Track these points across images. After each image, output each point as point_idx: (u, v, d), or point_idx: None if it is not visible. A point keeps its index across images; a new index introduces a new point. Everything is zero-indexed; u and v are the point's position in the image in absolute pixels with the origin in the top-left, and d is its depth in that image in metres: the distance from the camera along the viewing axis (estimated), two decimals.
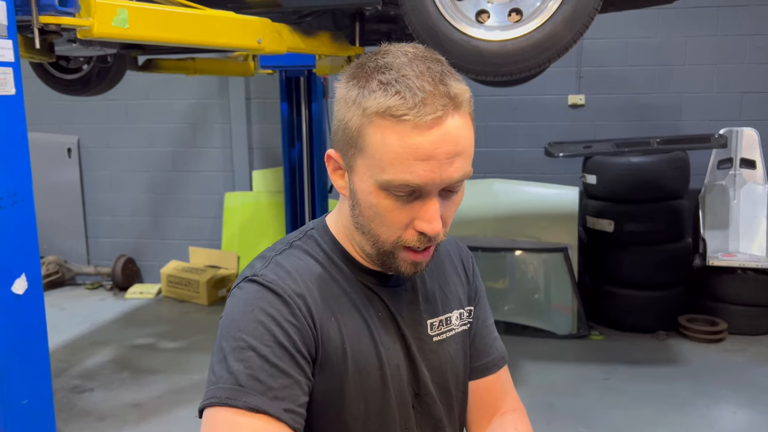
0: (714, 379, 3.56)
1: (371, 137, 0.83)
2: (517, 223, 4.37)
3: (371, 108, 0.82)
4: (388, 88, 0.81)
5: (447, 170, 0.83)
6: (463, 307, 1.08)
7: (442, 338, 1.03)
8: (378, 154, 0.83)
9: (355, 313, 0.94)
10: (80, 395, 3.52)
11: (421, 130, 0.80)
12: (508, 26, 2.23)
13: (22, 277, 1.73)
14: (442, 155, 0.82)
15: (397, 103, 0.80)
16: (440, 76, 0.83)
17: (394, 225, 0.87)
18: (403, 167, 0.81)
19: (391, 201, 0.85)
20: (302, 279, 0.92)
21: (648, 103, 4.81)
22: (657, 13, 4.57)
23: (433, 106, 0.80)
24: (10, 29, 1.67)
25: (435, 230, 0.85)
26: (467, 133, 0.85)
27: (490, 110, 4.97)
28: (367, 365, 0.93)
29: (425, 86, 0.81)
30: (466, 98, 0.85)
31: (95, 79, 3.75)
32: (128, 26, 1.94)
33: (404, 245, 0.88)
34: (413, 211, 0.86)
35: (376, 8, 2.62)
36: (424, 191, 0.84)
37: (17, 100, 1.71)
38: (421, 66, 0.83)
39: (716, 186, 4.46)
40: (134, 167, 5.56)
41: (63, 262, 5.57)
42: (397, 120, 0.80)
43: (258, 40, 2.40)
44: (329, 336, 0.91)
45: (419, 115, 0.80)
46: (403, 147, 0.81)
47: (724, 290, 4.24)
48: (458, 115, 0.83)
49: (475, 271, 1.14)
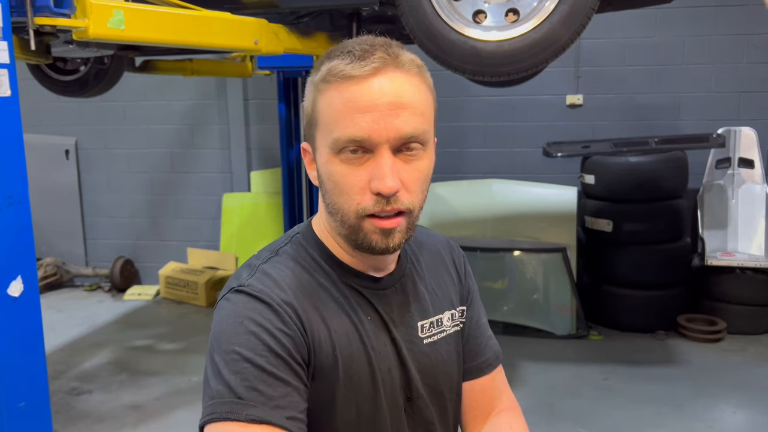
0: (713, 379, 3.56)
1: (321, 105, 0.87)
2: (515, 223, 4.36)
3: (317, 78, 0.88)
4: (333, 58, 0.87)
5: (392, 122, 0.83)
6: (455, 307, 1.07)
7: (433, 340, 1.02)
8: (326, 117, 0.86)
9: (345, 318, 0.93)
10: (78, 397, 3.51)
11: (357, 81, 0.84)
12: (505, 26, 2.22)
13: (18, 280, 1.73)
14: (384, 107, 0.83)
15: (338, 64, 0.85)
16: (386, 43, 0.88)
17: (351, 190, 0.86)
18: (347, 122, 0.84)
19: (344, 166, 0.86)
20: (289, 287, 0.91)
21: (646, 103, 4.81)
22: (655, 13, 4.57)
23: (369, 59, 0.84)
24: (5, 30, 1.67)
25: (389, 187, 0.83)
26: (414, 90, 0.87)
27: (488, 110, 4.97)
28: (358, 370, 0.93)
29: (364, 46, 0.86)
30: (414, 64, 0.88)
31: (92, 80, 3.74)
32: (124, 27, 1.93)
33: (366, 213, 0.86)
34: (368, 172, 0.85)
35: (373, 9, 2.62)
36: (373, 146, 0.84)
37: (13, 101, 1.70)
38: (370, 39, 0.89)
39: (714, 186, 4.46)
40: (132, 168, 5.55)
41: (61, 264, 5.56)
42: (339, 79, 0.85)
43: (255, 41, 2.39)
44: (320, 343, 0.90)
45: (356, 68, 0.84)
46: (343, 101, 0.84)
47: (723, 290, 4.24)
48: (401, 72, 0.86)
49: (467, 271, 1.13)
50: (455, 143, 5.06)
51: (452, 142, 5.05)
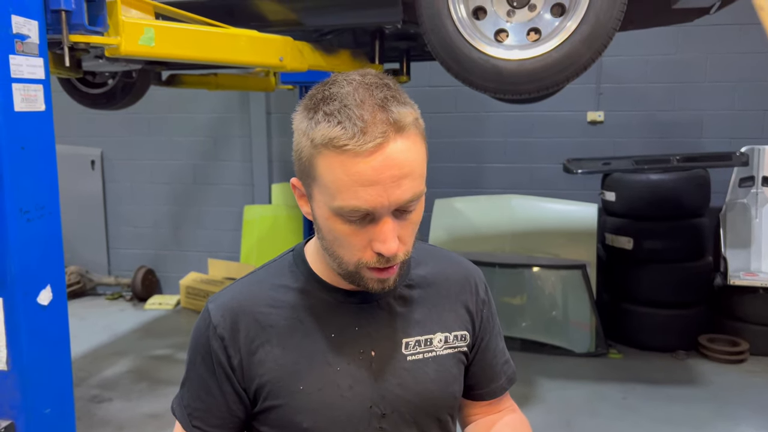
0: (735, 401, 3.50)
1: (320, 167, 0.87)
2: (535, 239, 4.35)
3: (317, 139, 0.86)
4: (331, 119, 0.85)
5: (394, 192, 0.85)
6: (451, 331, 1.06)
7: (418, 358, 1.02)
8: (327, 182, 0.87)
9: (300, 336, 0.98)
10: (99, 405, 3.56)
11: (362, 157, 0.84)
12: (526, 45, 2.24)
13: (48, 288, 1.77)
14: (387, 179, 0.85)
15: (338, 134, 0.84)
16: (382, 102, 0.86)
17: (352, 248, 0.91)
18: (350, 194, 0.85)
19: (346, 226, 0.89)
20: (243, 309, 0.99)
21: (668, 121, 4.78)
22: (677, 30, 4.56)
23: (372, 134, 0.83)
24: (42, 48, 1.73)
25: (390, 250, 0.88)
26: (413, 155, 0.87)
27: (508, 126, 4.99)
28: (309, 386, 0.96)
29: (364, 115, 0.84)
30: (410, 121, 0.87)
31: (120, 93, 3.83)
32: (154, 44, 1.98)
33: (366, 266, 0.91)
34: (369, 234, 0.89)
35: (395, 26, 2.66)
36: (376, 214, 0.87)
37: (47, 116, 1.75)
38: (363, 94, 0.86)
39: (737, 204, 4.41)
40: (156, 179, 5.64)
41: (84, 273, 5.66)
42: (340, 150, 0.84)
43: (280, 58, 2.44)
44: (263, 362, 0.97)
45: (359, 144, 0.83)
46: (347, 175, 0.85)
47: (746, 310, 4.18)
48: (401, 138, 0.86)
49: (485, 300, 1.12)
50: (475, 158, 5.07)
51: (472, 157, 5.07)
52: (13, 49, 1.63)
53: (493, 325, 1.13)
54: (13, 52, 1.63)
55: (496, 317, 1.14)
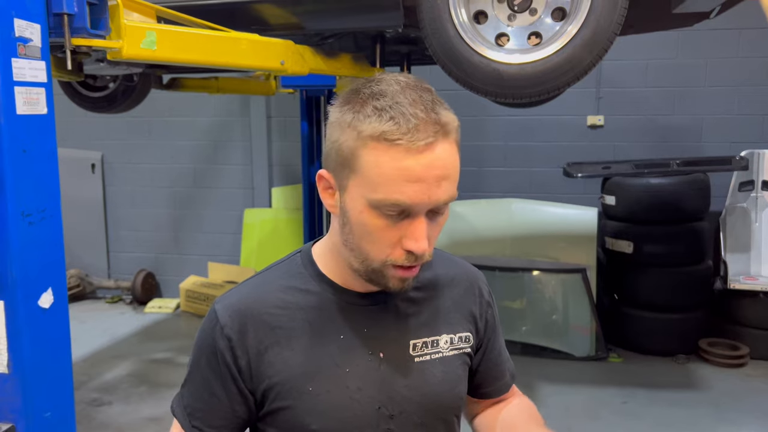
0: (736, 405, 3.50)
1: (365, 159, 0.88)
2: (535, 243, 4.36)
3: (366, 131, 0.87)
4: (383, 114, 0.86)
5: (436, 192, 0.87)
6: (456, 333, 1.07)
7: (426, 359, 1.03)
8: (371, 174, 0.87)
9: (309, 338, 0.98)
10: (99, 408, 3.56)
11: (413, 154, 0.85)
12: (527, 49, 2.25)
13: (49, 292, 1.77)
14: (431, 178, 0.87)
15: (391, 128, 0.85)
16: (431, 105, 0.88)
17: (383, 243, 0.91)
18: (394, 188, 0.86)
19: (381, 220, 0.90)
20: (251, 311, 0.99)
21: (668, 125, 4.79)
22: (677, 35, 4.58)
23: (425, 132, 0.85)
24: (44, 51, 1.73)
25: (422, 248, 0.90)
26: (454, 159, 0.90)
27: (509, 130, 4.99)
28: (317, 387, 0.97)
29: (418, 113, 0.86)
30: (455, 127, 0.90)
31: (121, 96, 3.83)
32: (156, 48, 1.99)
33: (392, 264, 0.92)
34: (401, 230, 0.90)
35: (396, 30, 2.66)
36: (413, 211, 0.89)
37: (48, 119, 1.75)
38: (413, 94, 0.88)
39: (737, 208, 4.42)
40: (156, 183, 5.64)
41: (84, 276, 5.65)
42: (391, 144, 0.85)
43: (281, 62, 2.44)
44: (271, 364, 0.97)
45: (412, 140, 0.85)
46: (395, 169, 0.86)
47: (746, 314, 4.18)
48: (447, 142, 0.88)
49: (489, 302, 1.14)
50: (475, 162, 5.07)
51: (472, 161, 5.07)
52: (15, 53, 1.64)
53: (497, 326, 1.16)
54: (15, 56, 1.63)
55: (498, 318, 1.17)
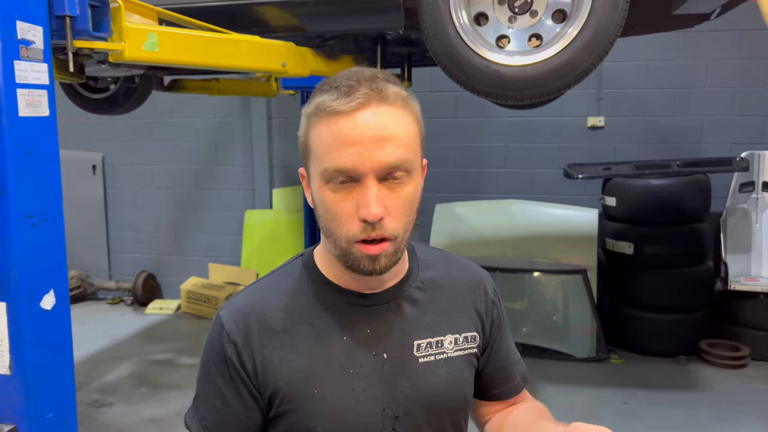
0: (736, 406, 3.50)
1: (312, 137, 0.93)
2: (535, 244, 4.36)
3: (309, 111, 0.94)
4: (322, 92, 0.93)
5: (376, 153, 0.88)
6: (461, 333, 1.06)
7: (430, 360, 1.02)
8: (317, 148, 0.92)
9: (313, 340, 0.98)
10: (100, 409, 3.56)
11: (343, 116, 0.89)
12: (528, 51, 2.25)
13: (51, 293, 1.77)
14: (368, 140, 0.88)
15: (325, 98, 0.91)
16: (372, 78, 0.92)
17: (341, 217, 0.92)
18: (334, 154, 0.89)
19: (335, 194, 0.91)
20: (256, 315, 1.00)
21: (668, 126, 4.79)
22: (677, 36, 4.58)
23: (354, 95, 0.89)
24: (46, 53, 1.73)
25: (373, 214, 0.88)
26: (398, 122, 0.91)
27: (509, 131, 4.99)
28: (322, 390, 0.97)
29: (350, 82, 0.90)
30: (394, 93, 0.92)
31: (122, 98, 3.83)
32: (158, 50, 1.99)
33: (355, 239, 0.92)
34: (356, 201, 0.90)
35: (397, 32, 2.67)
36: (358, 176, 0.89)
37: (50, 121, 1.75)
38: (357, 74, 0.93)
39: (738, 209, 4.42)
40: (157, 184, 5.65)
41: (85, 277, 5.65)
42: (326, 113, 0.90)
43: (282, 64, 2.45)
44: (276, 367, 0.97)
45: (341, 104, 0.89)
46: (331, 135, 0.90)
47: (747, 315, 4.18)
48: (385, 105, 0.91)
49: (495, 301, 1.13)
50: (475, 163, 5.08)
51: (473, 162, 5.07)
52: (18, 55, 1.64)
53: (504, 326, 1.15)
54: (18, 58, 1.64)
55: (505, 318, 1.16)
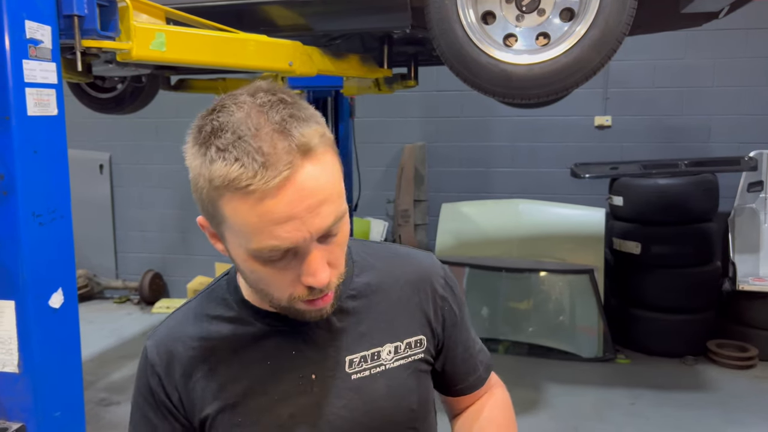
0: (744, 407, 3.48)
1: (226, 210, 0.78)
2: (542, 243, 4.35)
3: (216, 181, 0.76)
4: (227, 156, 0.74)
5: (314, 223, 0.77)
6: (402, 339, 0.97)
7: (365, 375, 0.94)
8: (237, 225, 0.78)
9: (236, 368, 0.92)
10: (107, 408, 3.57)
11: (270, 195, 0.74)
12: (535, 50, 2.24)
13: (59, 292, 1.78)
14: (303, 211, 0.76)
15: (238, 173, 0.74)
16: (280, 126, 0.76)
17: (279, 286, 0.83)
18: (265, 235, 0.77)
19: (268, 267, 0.81)
20: (176, 346, 0.95)
21: (675, 125, 4.77)
22: (684, 35, 4.56)
23: (276, 167, 0.74)
24: (54, 53, 1.74)
25: (321, 281, 0.81)
26: (326, 177, 0.78)
27: (516, 130, 4.99)
28: (246, 419, 0.91)
29: (263, 147, 0.74)
30: (316, 141, 0.78)
31: (129, 98, 3.85)
32: (165, 49, 1.99)
33: (299, 299, 0.84)
34: (296, 269, 0.81)
35: (404, 31, 2.66)
36: (297, 249, 0.79)
37: (59, 120, 1.76)
38: (257, 119, 0.76)
39: (746, 209, 4.40)
40: (163, 184, 5.66)
41: (92, 276, 5.68)
42: (244, 191, 0.74)
43: (289, 63, 2.45)
44: (200, 398, 0.92)
45: (264, 181, 0.73)
46: (258, 216, 0.75)
47: (755, 315, 4.16)
48: (310, 162, 0.76)
49: (444, 296, 1.02)
50: (482, 163, 5.07)
51: (479, 161, 5.07)
52: (26, 54, 1.64)
53: (459, 319, 1.04)
54: (26, 57, 1.64)
55: (461, 308, 1.05)
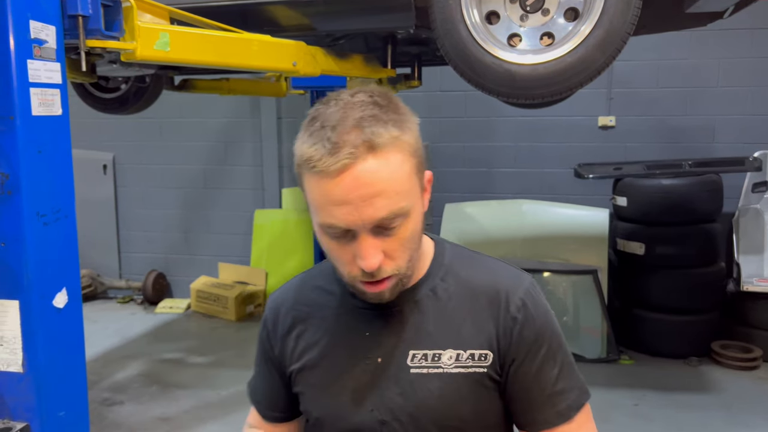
0: (748, 408, 3.47)
1: (305, 185, 0.93)
2: (546, 244, 4.34)
3: (300, 158, 0.91)
4: (309, 140, 0.89)
5: (366, 211, 0.87)
6: (466, 349, 0.99)
7: (423, 372, 0.99)
8: (310, 197, 0.93)
9: (321, 335, 1.06)
10: (110, 408, 3.58)
11: (331, 177, 0.87)
12: (540, 50, 2.24)
13: (63, 291, 1.78)
14: (356, 199, 0.86)
15: (312, 154, 0.88)
16: (358, 122, 0.87)
17: (341, 261, 0.94)
18: (326, 212, 0.89)
19: (331, 241, 0.93)
20: (285, 306, 1.12)
21: (680, 125, 4.76)
22: (689, 35, 4.54)
23: (339, 155, 0.86)
24: (59, 53, 1.74)
25: (369, 266, 0.90)
26: (387, 173, 0.88)
27: (519, 131, 4.98)
28: (320, 382, 1.05)
29: (334, 136, 0.86)
30: (385, 140, 0.87)
31: (132, 98, 3.85)
32: (169, 49, 1.99)
33: (357, 279, 0.94)
34: (353, 249, 0.91)
35: (408, 31, 2.66)
36: (354, 231, 0.89)
37: (63, 120, 1.76)
38: (343, 114, 0.88)
39: (750, 210, 4.38)
40: (167, 184, 5.67)
41: (96, 276, 5.69)
42: (313, 170, 0.88)
43: (293, 63, 2.45)
44: (292, 355, 1.09)
45: (327, 165, 0.86)
46: (321, 194, 0.89)
47: (759, 316, 4.14)
48: (373, 157, 0.87)
49: (516, 317, 1.00)
50: (485, 163, 5.06)
51: (482, 161, 5.06)
52: (31, 54, 1.65)
53: (537, 349, 1.00)
54: (31, 57, 1.64)
55: (541, 336, 1.01)
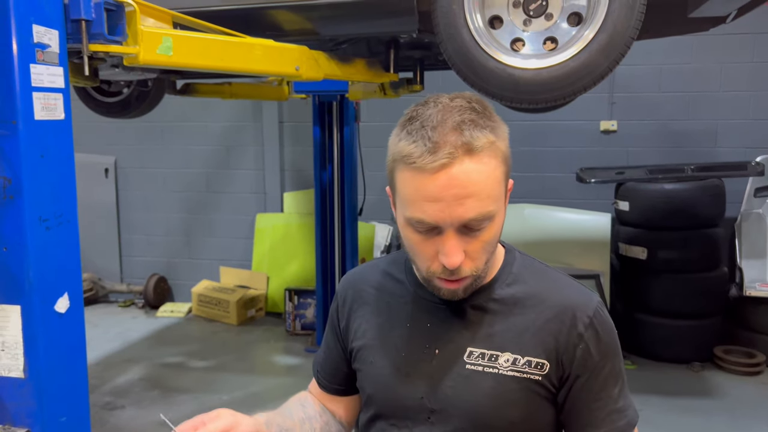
0: (751, 414, 3.46)
1: (398, 178, 0.97)
2: (548, 248, 4.33)
3: (396, 154, 0.96)
4: (409, 137, 0.94)
5: (456, 210, 0.92)
6: (524, 355, 1.01)
7: (478, 370, 1.02)
8: (402, 193, 0.97)
9: (384, 318, 1.14)
10: (112, 412, 3.57)
11: (428, 175, 0.91)
12: (543, 55, 2.23)
13: (65, 296, 1.77)
14: (449, 197, 0.91)
15: (411, 151, 0.92)
16: (458, 126, 0.92)
17: (422, 256, 0.99)
18: (417, 207, 0.94)
19: (416, 235, 0.97)
20: (356, 285, 1.21)
21: (682, 130, 4.76)
22: (691, 40, 4.54)
23: (439, 154, 0.90)
24: (62, 57, 1.73)
25: (452, 263, 0.95)
26: (482, 176, 0.92)
27: (521, 135, 4.97)
28: (377, 361, 1.11)
29: (435, 136, 0.91)
30: (482, 144, 0.92)
31: (135, 102, 3.85)
32: (172, 54, 1.99)
33: (435, 275, 0.99)
34: (436, 245, 0.96)
35: (411, 36, 2.66)
36: (440, 228, 0.94)
37: (66, 124, 1.76)
38: (444, 116, 0.93)
39: (753, 214, 4.37)
40: (168, 188, 5.67)
41: (97, 280, 5.68)
42: (411, 166, 0.93)
43: (296, 67, 2.44)
44: (354, 331, 1.17)
45: (426, 162, 0.91)
46: (415, 189, 0.93)
47: (762, 321, 4.13)
48: (470, 159, 0.91)
49: (582, 334, 1.03)
50: None
51: None
52: (34, 59, 1.64)
53: (602, 367, 1.03)
54: (34, 61, 1.64)
55: (610, 358, 1.04)
